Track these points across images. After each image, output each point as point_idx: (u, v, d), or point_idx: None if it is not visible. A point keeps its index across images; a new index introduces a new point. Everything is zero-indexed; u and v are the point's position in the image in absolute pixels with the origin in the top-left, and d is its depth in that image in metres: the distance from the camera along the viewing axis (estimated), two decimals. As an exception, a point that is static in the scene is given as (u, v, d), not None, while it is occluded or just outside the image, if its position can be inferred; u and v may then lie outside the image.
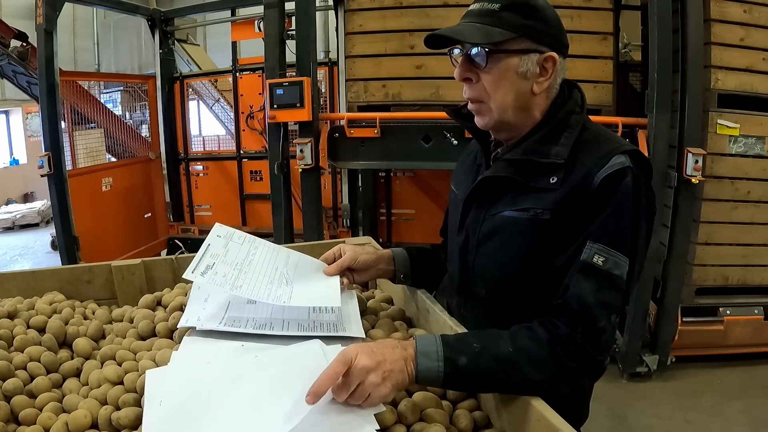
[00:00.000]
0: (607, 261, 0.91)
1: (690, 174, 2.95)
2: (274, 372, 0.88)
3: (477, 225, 1.10)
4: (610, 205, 0.93)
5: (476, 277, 1.11)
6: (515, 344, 0.88)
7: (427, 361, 0.85)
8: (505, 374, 0.85)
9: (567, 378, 0.88)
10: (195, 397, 0.83)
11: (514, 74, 1.00)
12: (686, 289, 3.30)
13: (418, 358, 0.85)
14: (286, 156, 3.57)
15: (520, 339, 0.89)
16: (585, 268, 0.92)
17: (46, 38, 3.84)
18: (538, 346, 0.88)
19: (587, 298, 0.90)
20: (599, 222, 0.93)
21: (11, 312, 1.17)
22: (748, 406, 3.06)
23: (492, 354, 0.86)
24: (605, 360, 0.90)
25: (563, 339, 0.88)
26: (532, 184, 1.02)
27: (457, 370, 0.85)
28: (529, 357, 0.86)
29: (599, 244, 0.92)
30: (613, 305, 0.91)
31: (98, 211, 4.68)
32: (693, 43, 2.99)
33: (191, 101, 5.63)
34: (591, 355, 0.89)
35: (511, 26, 0.98)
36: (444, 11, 3.35)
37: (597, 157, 0.97)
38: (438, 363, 0.85)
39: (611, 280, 0.91)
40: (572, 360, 0.88)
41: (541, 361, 0.87)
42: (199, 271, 1.05)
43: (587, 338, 0.89)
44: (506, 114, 1.03)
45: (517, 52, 0.99)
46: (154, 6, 5.40)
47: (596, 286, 0.91)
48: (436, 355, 0.85)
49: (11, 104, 10.06)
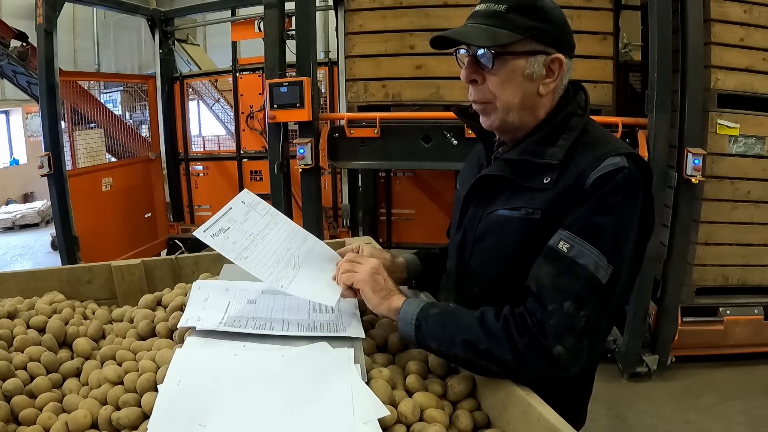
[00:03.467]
0: (572, 248, 0.91)
1: (690, 174, 2.95)
2: (295, 377, 0.89)
3: (474, 223, 1.10)
4: (593, 199, 0.93)
5: (471, 275, 1.12)
6: (482, 313, 0.95)
7: (408, 307, 1.00)
8: (462, 332, 0.93)
9: (515, 354, 0.89)
10: (213, 384, 0.85)
11: (520, 76, 1.00)
12: (686, 289, 3.30)
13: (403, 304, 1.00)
14: (286, 156, 3.57)
15: (487, 311, 0.95)
16: (548, 253, 0.94)
17: (46, 38, 3.84)
18: (495, 319, 0.93)
19: (543, 280, 0.92)
20: (577, 212, 0.93)
21: (11, 312, 1.17)
22: (748, 406, 3.06)
23: (460, 314, 0.96)
24: (553, 347, 0.88)
25: (516, 316, 0.92)
26: (526, 183, 1.02)
27: (426, 316, 0.97)
28: (486, 325, 0.92)
29: (567, 231, 0.92)
30: (570, 292, 0.89)
31: (98, 211, 4.68)
32: (693, 43, 2.99)
33: (191, 101, 5.63)
34: (537, 337, 0.89)
35: (518, 28, 0.97)
36: (444, 11, 3.35)
37: (591, 159, 0.96)
38: (416, 309, 0.99)
39: (572, 267, 0.90)
40: (521, 337, 0.89)
41: (495, 331, 0.91)
42: (211, 233, 1.03)
43: (536, 320, 0.90)
44: (511, 115, 1.03)
45: (524, 54, 0.99)
46: (154, 6, 5.40)
47: (555, 270, 0.91)
48: (417, 303, 1.00)
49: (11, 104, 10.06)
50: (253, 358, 0.95)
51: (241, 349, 0.97)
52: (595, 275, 0.90)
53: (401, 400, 0.88)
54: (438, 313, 0.97)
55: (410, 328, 0.98)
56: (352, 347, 0.97)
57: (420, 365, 1.00)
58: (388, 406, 0.85)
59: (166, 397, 0.84)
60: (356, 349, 0.97)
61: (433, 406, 0.89)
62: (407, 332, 0.98)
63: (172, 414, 0.81)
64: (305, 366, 0.92)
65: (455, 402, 0.95)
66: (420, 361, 1.01)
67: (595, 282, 0.90)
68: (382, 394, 0.87)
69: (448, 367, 1.01)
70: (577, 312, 0.89)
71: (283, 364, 0.93)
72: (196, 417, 0.80)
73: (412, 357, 1.02)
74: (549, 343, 0.88)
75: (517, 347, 0.89)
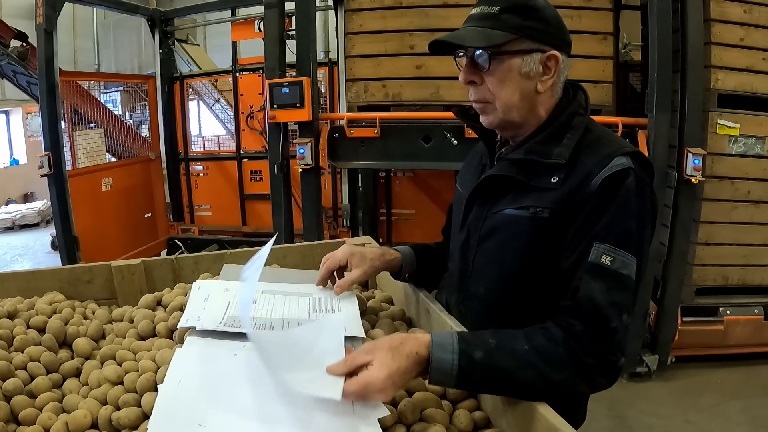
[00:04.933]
0: (615, 260, 0.91)
1: (690, 174, 2.95)
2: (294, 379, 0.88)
3: (479, 223, 1.11)
4: (613, 205, 0.94)
5: (475, 275, 1.12)
6: (531, 342, 0.86)
7: (442, 353, 0.82)
8: (521, 371, 0.83)
9: (584, 376, 0.87)
10: (213, 384, 0.86)
11: (517, 74, 1.01)
12: (686, 289, 3.30)
13: (433, 348, 0.82)
14: (286, 156, 3.57)
15: (536, 337, 0.87)
16: (593, 269, 0.92)
17: (46, 38, 3.84)
18: (554, 345, 0.86)
19: (598, 298, 0.90)
20: (604, 222, 0.93)
21: (11, 312, 1.17)
22: (748, 406, 3.06)
23: (508, 350, 0.85)
24: (619, 360, 0.89)
25: (579, 336, 0.87)
26: (533, 183, 1.03)
27: (473, 364, 0.82)
28: (546, 354, 0.85)
29: (606, 244, 0.92)
30: (624, 304, 0.91)
31: (98, 211, 4.68)
32: (693, 43, 2.99)
33: (191, 101, 5.63)
34: (605, 354, 0.88)
35: (511, 28, 0.99)
36: (444, 11, 3.35)
37: (598, 159, 0.98)
38: (453, 356, 0.82)
39: (620, 279, 0.91)
40: (589, 357, 0.87)
41: (558, 359, 0.85)
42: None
43: (602, 338, 0.88)
44: (511, 113, 1.05)
45: (519, 53, 1.00)
46: (154, 6, 5.40)
47: (605, 286, 0.90)
48: (452, 347, 0.83)
49: (11, 104, 10.06)
50: (253, 358, 0.95)
51: (241, 349, 0.97)
52: (634, 280, 0.92)
53: (401, 400, 0.88)
54: (483, 359, 0.83)
55: (451, 380, 0.83)
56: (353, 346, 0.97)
57: (420, 365, 0.99)
58: (388, 406, 0.85)
59: (166, 397, 0.84)
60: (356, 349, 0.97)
61: (433, 406, 0.89)
62: (447, 384, 0.88)
63: (172, 414, 0.81)
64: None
65: (455, 402, 0.95)
66: (420, 361, 1.01)
67: (634, 287, 0.93)
68: (382, 394, 0.87)
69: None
70: (629, 320, 0.91)
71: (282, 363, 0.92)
72: (196, 417, 0.80)
73: (412, 357, 1.02)
74: (616, 358, 0.89)
75: (586, 370, 0.87)
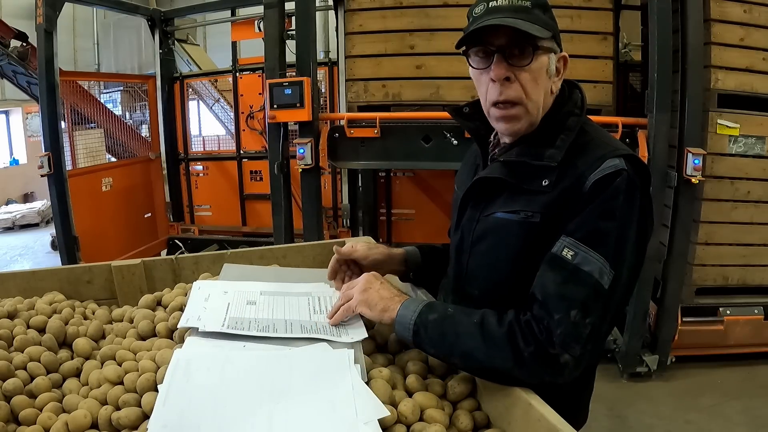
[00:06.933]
0: (576, 255, 0.89)
1: (690, 174, 2.95)
2: (295, 377, 0.89)
3: (471, 225, 1.09)
4: (594, 204, 0.92)
5: (469, 278, 1.11)
6: (481, 319, 0.92)
7: (406, 310, 0.96)
8: (462, 339, 0.91)
9: (521, 363, 0.87)
10: (213, 384, 0.87)
11: (545, 74, 0.99)
12: (686, 289, 3.30)
13: (402, 304, 0.97)
14: (286, 156, 3.57)
15: (488, 316, 0.92)
16: (552, 260, 0.92)
17: (46, 38, 3.84)
18: (499, 325, 0.90)
19: (548, 288, 0.90)
20: (579, 218, 0.92)
21: (11, 312, 1.17)
22: (748, 406, 3.06)
23: (458, 320, 0.93)
24: (562, 356, 0.86)
25: (521, 323, 0.89)
26: (524, 186, 1.00)
27: (425, 323, 0.94)
28: (488, 332, 0.90)
29: (571, 238, 0.91)
30: (576, 300, 0.87)
31: (98, 211, 4.68)
32: (693, 43, 2.99)
33: (191, 101, 5.63)
34: (544, 346, 0.87)
35: (545, 24, 0.96)
36: (444, 11, 3.35)
37: (590, 161, 0.95)
38: (414, 314, 0.95)
39: (578, 275, 0.89)
40: (527, 345, 0.87)
41: (498, 339, 0.89)
42: None
43: (543, 328, 0.87)
44: (537, 116, 1.02)
45: (548, 51, 0.98)
46: (154, 6, 5.40)
47: (560, 278, 0.89)
48: (415, 307, 0.96)
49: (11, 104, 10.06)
50: (252, 358, 0.95)
51: (241, 349, 0.97)
52: (600, 281, 0.89)
53: (401, 400, 0.88)
54: (437, 319, 0.94)
55: (408, 333, 0.95)
56: (353, 348, 0.97)
57: (420, 365, 1.00)
58: (388, 406, 0.85)
59: (165, 397, 0.84)
60: (356, 350, 0.97)
61: (433, 406, 0.89)
62: (405, 336, 0.97)
63: (172, 414, 0.81)
64: (305, 366, 0.92)
65: (455, 402, 0.95)
66: (420, 361, 1.01)
67: (599, 288, 0.89)
68: (382, 394, 0.87)
69: (448, 367, 1.01)
70: (584, 320, 0.88)
71: (282, 364, 0.93)
72: (196, 417, 0.80)
73: (411, 357, 1.02)
74: (557, 352, 0.87)
75: (521, 356, 0.87)
